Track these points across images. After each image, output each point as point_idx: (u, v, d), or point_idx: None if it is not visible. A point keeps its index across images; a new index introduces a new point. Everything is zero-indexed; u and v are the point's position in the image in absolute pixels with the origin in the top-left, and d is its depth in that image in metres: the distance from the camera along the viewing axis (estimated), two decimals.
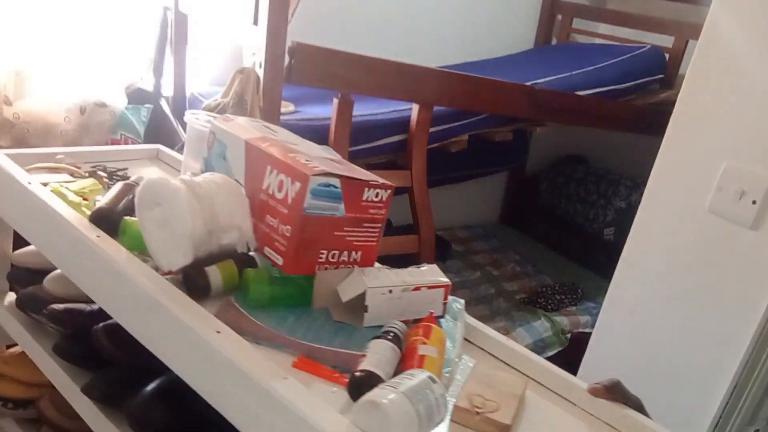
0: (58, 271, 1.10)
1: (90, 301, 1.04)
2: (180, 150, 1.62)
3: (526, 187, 3.31)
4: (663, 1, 2.81)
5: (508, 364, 0.87)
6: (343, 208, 0.81)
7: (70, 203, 0.96)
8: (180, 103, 2.09)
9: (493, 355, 0.89)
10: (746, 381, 1.28)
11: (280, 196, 0.80)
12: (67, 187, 1.02)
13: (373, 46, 2.03)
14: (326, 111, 1.90)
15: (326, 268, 0.83)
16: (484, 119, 2.25)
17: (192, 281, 0.81)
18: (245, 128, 0.95)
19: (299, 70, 1.66)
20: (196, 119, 1.13)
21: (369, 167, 0.97)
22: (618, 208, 2.84)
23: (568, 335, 2.37)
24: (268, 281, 0.83)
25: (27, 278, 1.17)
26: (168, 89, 2.07)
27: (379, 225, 0.86)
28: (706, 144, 1.28)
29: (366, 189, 0.82)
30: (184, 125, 1.93)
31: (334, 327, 0.82)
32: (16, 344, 1.26)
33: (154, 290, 0.77)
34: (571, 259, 3.00)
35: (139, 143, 1.89)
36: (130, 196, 0.94)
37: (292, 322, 0.81)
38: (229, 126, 0.95)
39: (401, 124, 2.04)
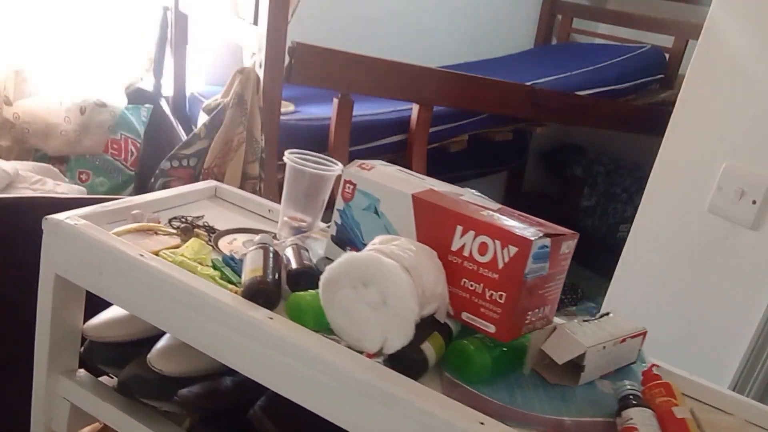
0: (161, 345, 0.96)
1: (211, 376, 0.94)
2: (179, 150, 1.62)
3: (526, 186, 3.32)
4: (663, 1, 2.81)
5: (700, 402, 0.84)
6: (548, 266, 0.78)
7: (204, 276, 0.86)
8: (180, 103, 2.09)
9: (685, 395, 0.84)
10: (746, 381, 1.28)
11: (483, 259, 0.77)
12: (183, 255, 0.90)
13: (373, 46, 2.03)
14: (326, 111, 1.90)
15: (529, 329, 0.81)
16: (484, 119, 2.25)
17: (409, 361, 0.75)
18: (395, 178, 0.89)
19: (299, 70, 1.66)
20: (297, 158, 1.00)
21: None
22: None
23: None
24: (487, 351, 0.79)
25: (108, 354, 1.01)
26: (168, 89, 2.07)
27: (564, 275, 0.84)
28: (706, 144, 1.28)
29: (563, 242, 0.80)
30: (184, 125, 1.95)
31: (557, 392, 0.79)
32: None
33: (380, 381, 0.71)
34: (571, 258, 3.00)
35: (139, 143, 1.89)
36: (271, 263, 0.87)
37: (520, 393, 0.78)
38: (375, 176, 0.89)
39: (401, 124, 2.04)
